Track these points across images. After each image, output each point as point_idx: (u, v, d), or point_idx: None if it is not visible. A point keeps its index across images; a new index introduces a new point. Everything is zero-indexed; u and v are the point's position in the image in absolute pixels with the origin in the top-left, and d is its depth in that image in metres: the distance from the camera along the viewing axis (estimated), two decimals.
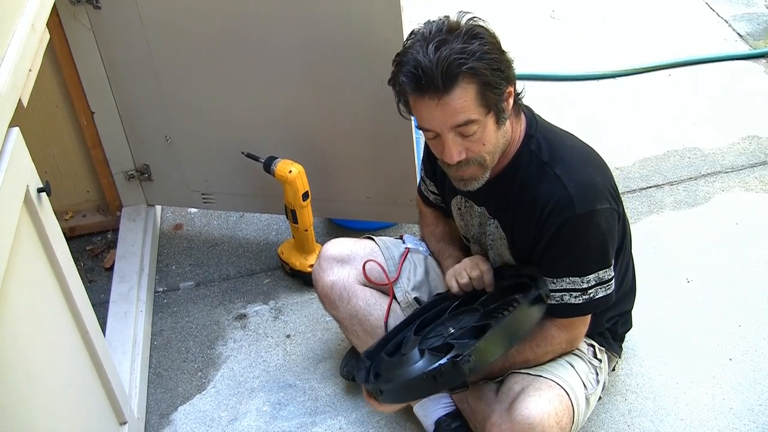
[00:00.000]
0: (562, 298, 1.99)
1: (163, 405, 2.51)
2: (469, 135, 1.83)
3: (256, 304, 2.82)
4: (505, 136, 1.93)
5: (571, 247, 1.95)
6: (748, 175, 3.22)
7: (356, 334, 2.34)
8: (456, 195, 2.19)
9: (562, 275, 1.97)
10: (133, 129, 2.85)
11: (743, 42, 4.05)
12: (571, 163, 1.96)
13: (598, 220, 1.93)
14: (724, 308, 2.66)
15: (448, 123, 1.82)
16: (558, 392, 2.00)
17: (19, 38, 1.70)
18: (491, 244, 2.13)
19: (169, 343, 2.70)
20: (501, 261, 2.14)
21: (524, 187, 1.97)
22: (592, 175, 1.97)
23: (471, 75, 1.77)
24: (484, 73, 1.78)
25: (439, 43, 1.78)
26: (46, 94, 2.73)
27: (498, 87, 1.82)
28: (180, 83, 2.66)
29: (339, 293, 2.31)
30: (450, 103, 1.79)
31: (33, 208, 1.64)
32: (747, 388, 2.42)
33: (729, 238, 2.93)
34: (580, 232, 1.93)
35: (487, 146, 1.87)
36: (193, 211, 3.23)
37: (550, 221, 1.93)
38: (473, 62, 1.76)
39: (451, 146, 1.85)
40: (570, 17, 4.29)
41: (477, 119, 1.81)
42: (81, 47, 2.64)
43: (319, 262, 2.35)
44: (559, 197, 1.91)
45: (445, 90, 1.77)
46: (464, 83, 1.78)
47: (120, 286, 2.76)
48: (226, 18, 2.46)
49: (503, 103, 1.86)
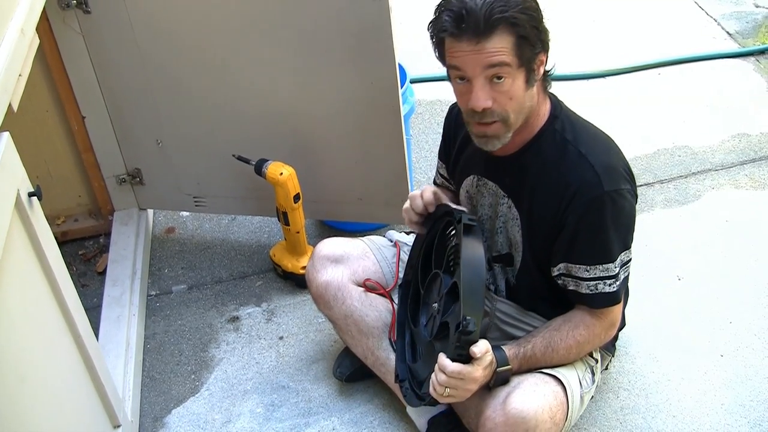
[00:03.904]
0: (596, 287, 2.00)
1: (157, 408, 2.51)
2: (499, 83, 1.84)
3: (248, 307, 2.82)
4: (531, 100, 1.93)
5: (600, 229, 1.95)
6: (738, 172, 3.24)
7: (351, 334, 2.34)
8: (468, 175, 2.18)
9: (594, 262, 1.97)
10: (125, 133, 2.85)
11: (732, 40, 4.07)
12: (595, 146, 1.99)
13: (624, 200, 1.95)
14: (715, 305, 2.67)
15: (481, 63, 1.83)
16: (554, 388, 2.00)
17: (8, 43, 1.71)
18: (501, 226, 2.13)
19: (162, 347, 2.71)
20: (508, 245, 2.13)
21: (546, 164, 1.99)
22: (614, 158, 2.00)
23: (511, 25, 1.80)
24: (524, 26, 1.81)
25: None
26: (37, 98, 2.73)
27: (534, 45, 1.85)
28: (170, 87, 2.66)
29: (333, 293, 2.31)
30: (487, 46, 1.81)
31: (24, 213, 1.64)
32: (738, 384, 2.43)
33: (719, 235, 2.94)
34: (608, 211, 1.93)
35: (513, 102, 1.88)
36: (185, 214, 3.23)
37: (577, 201, 1.93)
38: (516, 12, 1.79)
39: (479, 91, 1.86)
40: (559, 17, 4.30)
41: (510, 65, 1.82)
42: (71, 52, 2.64)
43: (313, 262, 2.36)
44: (586, 176, 1.93)
45: (485, 33, 1.79)
46: (503, 31, 1.80)
47: (112, 290, 2.76)
48: (216, 21, 2.47)
49: (534, 65, 1.88)
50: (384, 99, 2.48)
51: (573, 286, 2.03)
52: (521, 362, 2.02)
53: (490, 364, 1.95)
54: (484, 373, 1.93)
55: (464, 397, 1.94)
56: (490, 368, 1.96)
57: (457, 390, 1.91)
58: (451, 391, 1.91)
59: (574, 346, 2.05)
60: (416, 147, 3.45)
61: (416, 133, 3.52)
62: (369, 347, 2.34)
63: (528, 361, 2.03)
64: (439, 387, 1.92)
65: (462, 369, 1.88)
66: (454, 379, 1.89)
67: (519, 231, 2.08)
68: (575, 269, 2.00)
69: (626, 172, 1.99)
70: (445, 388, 1.91)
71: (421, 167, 3.35)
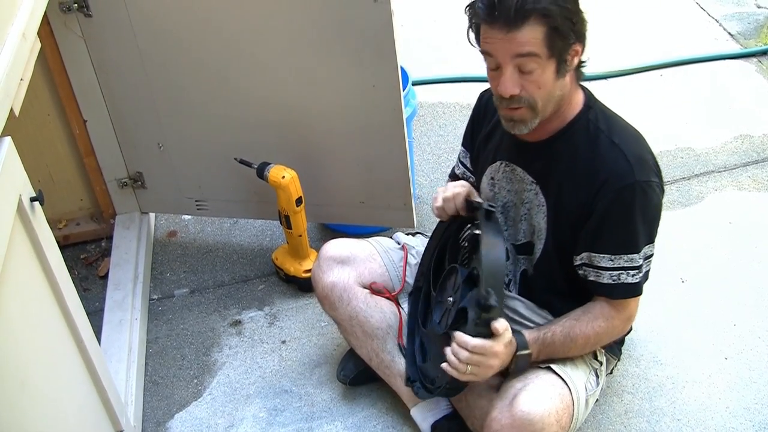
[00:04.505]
0: (619, 278, 2.00)
1: (160, 413, 2.50)
2: (528, 72, 1.86)
3: (251, 311, 2.82)
4: (562, 89, 1.94)
5: (628, 218, 1.95)
6: (741, 174, 3.23)
7: (355, 335, 2.34)
8: (495, 161, 2.18)
9: (619, 251, 1.98)
10: (126, 136, 2.84)
11: (734, 41, 4.07)
12: (627, 137, 2.00)
13: (654, 192, 1.95)
14: (718, 307, 2.66)
15: (511, 51, 1.84)
16: (560, 391, 2.00)
17: (10, 47, 1.70)
18: (525, 213, 2.12)
19: (165, 351, 2.70)
20: (531, 232, 2.13)
21: (578, 152, 2.00)
22: (645, 151, 2.00)
23: (543, 16, 1.80)
24: (556, 18, 1.81)
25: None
26: (39, 102, 2.73)
27: (566, 36, 1.85)
28: (172, 90, 2.66)
29: (339, 294, 2.30)
30: (517, 36, 1.81)
31: (26, 218, 1.63)
32: (743, 387, 2.42)
33: (723, 237, 2.94)
34: (637, 200, 1.94)
35: (542, 91, 1.89)
36: (187, 218, 3.23)
37: (607, 188, 1.94)
38: (548, 4, 1.79)
39: (508, 78, 1.88)
40: None
41: (539, 55, 1.83)
42: (72, 55, 2.64)
43: (319, 263, 2.35)
44: (618, 165, 1.94)
45: (515, 23, 1.80)
46: (534, 22, 1.80)
47: (114, 294, 2.75)
48: (218, 24, 2.46)
49: (567, 56, 1.88)
50: (386, 102, 2.47)
51: (594, 276, 2.03)
52: (540, 348, 2.02)
53: (510, 342, 1.94)
54: (505, 350, 1.93)
55: (485, 375, 1.94)
56: (510, 347, 1.95)
57: (479, 367, 1.91)
58: (472, 368, 1.91)
59: (592, 336, 2.05)
60: (418, 150, 3.44)
61: (418, 136, 3.52)
62: (374, 349, 2.33)
63: (547, 348, 2.03)
64: (460, 365, 1.90)
65: (484, 343, 1.89)
66: (476, 355, 1.89)
67: (544, 218, 2.07)
68: (598, 258, 2.00)
69: (656, 167, 2.00)
70: (467, 366, 1.90)
71: (423, 170, 3.35)
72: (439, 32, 4.17)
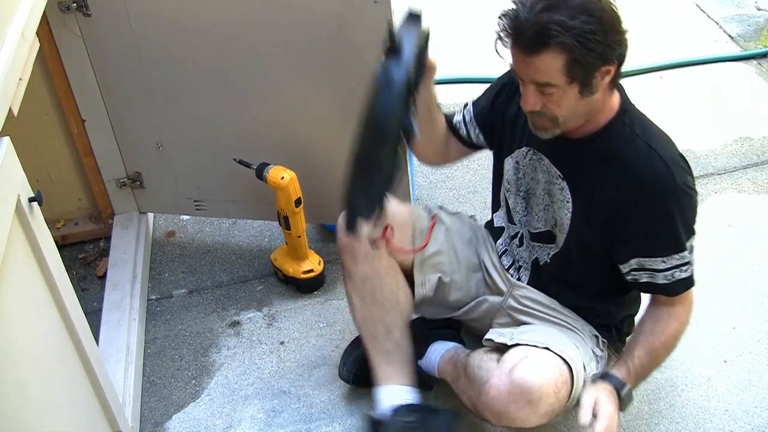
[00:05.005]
0: (673, 276, 2.01)
1: (157, 413, 2.50)
2: (548, 93, 1.85)
3: (249, 311, 2.81)
4: (588, 106, 1.91)
5: (675, 220, 1.96)
6: (741, 176, 3.23)
7: (362, 296, 2.29)
8: (522, 146, 2.17)
9: (671, 252, 1.99)
10: (125, 136, 2.84)
11: (734, 44, 4.07)
12: (663, 142, 1.98)
13: (693, 192, 1.98)
14: (718, 310, 2.66)
15: (528, 75, 1.85)
16: (560, 365, 2.00)
17: (8, 47, 1.69)
18: (547, 205, 2.12)
19: (163, 351, 2.69)
20: (552, 224, 2.13)
21: (615, 155, 1.97)
22: (678, 155, 2.00)
23: (561, 49, 1.76)
24: (576, 51, 1.76)
25: (546, 6, 1.76)
26: (37, 102, 2.72)
27: (588, 65, 1.80)
28: (171, 90, 2.65)
29: (366, 250, 2.25)
30: (533, 63, 1.81)
31: (24, 219, 1.63)
32: (742, 390, 2.42)
33: (723, 239, 2.93)
34: (680, 203, 1.95)
35: (563, 109, 1.88)
36: (186, 218, 3.22)
37: (649, 193, 1.94)
38: (567, 38, 1.75)
39: (528, 95, 1.88)
40: None
41: (557, 85, 1.82)
42: (71, 55, 2.63)
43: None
44: (657, 169, 1.92)
45: (532, 51, 1.79)
46: (552, 53, 1.77)
47: (113, 294, 2.75)
48: (217, 24, 2.46)
49: (593, 79, 1.84)
50: None
51: (647, 278, 2.04)
52: (634, 377, 2.07)
53: (611, 393, 2.02)
54: (614, 402, 2.01)
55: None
56: (613, 395, 2.02)
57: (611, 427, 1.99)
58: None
59: (671, 340, 2.09)
60: None
61: None
62: (374, 315, 2.29)
63: (639, 374, 2.09)
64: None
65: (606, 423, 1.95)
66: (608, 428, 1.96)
67: (568, 214, 2.07)
68: (651, 262, 2.01)
69: (688, 167, 2.01)
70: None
71: (422, 170, 3.34)
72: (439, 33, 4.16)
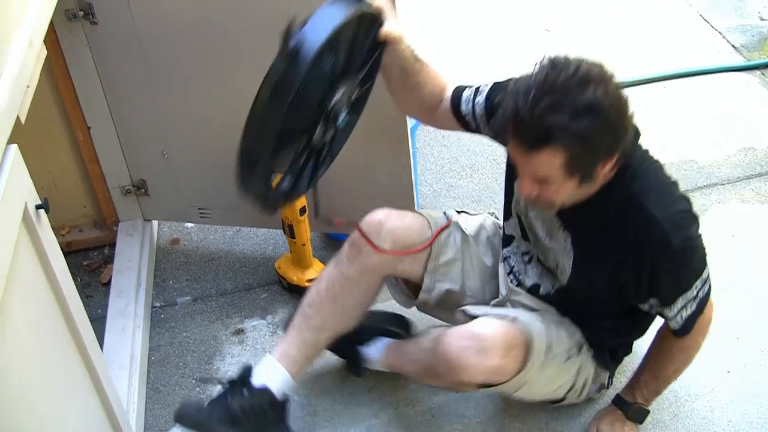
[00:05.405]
0: (681, 316, 2.03)
1: (161, 420, 2.50)
2: (545, 184, 1.82)
3: (253, 319, 2.81)
4: (590, 189, 1.88)
5: (679, 275, 1.97)
6: (744, 187, 3.23)
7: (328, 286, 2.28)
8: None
9: (674, 300, 2.00)
10: (130, 144, 2.84)
11: (738, 54, 4.07)
12: (661, 198, 1.91)
13: (695, 244, 1.95)
14: (721, 321, 2.63)
15: (526, 168, 1.82)
16: (518, 331, 2.05)
17: (16, 55, 1.70)
18: (552, 246, 2.11)
19: (167, 359, 2.70)
20: (553, 266, 2.13)
21: (611, 220, 1.93)
22: (678, 203, 1.95)
23: (563, 147, 1.70)
24: (578, 151, 1.71)
25: (549, 105, 1.68)
26: (43, 109, 2.73)
27: (590, 161, 1.76)
28: (177, 98, 2.66)
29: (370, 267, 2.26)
30: (532, 158, 1.76)
31: (31, 226, 1.63)
32: (746, 401, 2.42)
33: (726, 250, 2.93)
34: (683, 260, 1.94)
35: (560, 197, 1.87)
36: (190, 225, 3.23)
37: (650, 257, 1.92)
38: (570, 139, 1.68)
39: (524, 184, 1.86)
40: (564, 31, 4.31)
41: (556, 179, 1.79)
42: (77, 62, 2.64)
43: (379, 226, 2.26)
44: (655, 233, 1.87)
45: (531, 148, 1.73)
46: (552, 150, 1.71)
47: (117, 301, 2.75)
48: (224, 33, 2.46)
49: (594, 171, 1.80)
50: (390, 112, 2.47)
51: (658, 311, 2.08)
52: (644, 398, 2.28)
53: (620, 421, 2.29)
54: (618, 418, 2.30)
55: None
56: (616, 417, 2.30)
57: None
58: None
59: (680, 366, 2.23)
60: (422, 160, 3.44)
61: (422, 146, 3.52)
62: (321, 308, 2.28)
63: (647, 397, 2.28)
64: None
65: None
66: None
67: (569, 263, 2.07)
68: (658, 308, 2.05)
69: (688, 209, 1.96)
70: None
71: (426, 180, 3.35)
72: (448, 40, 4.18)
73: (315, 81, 1.82)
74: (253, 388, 2.21)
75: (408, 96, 2.21)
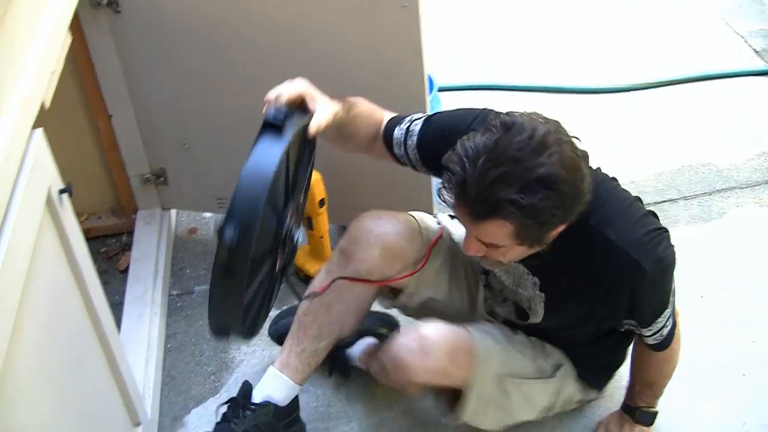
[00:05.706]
0: (661, 334, 2.03)
1: (177, 407, 2.51)
2: (492, 247, 1.79)
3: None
4: (542, 247, 1.82)
5: (654, 296, 1.94)
6: (763, 191, 3.22)
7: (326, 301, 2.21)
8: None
9: (653, 320, 1.99)
10: (150, 133, 2.85)
11: (759, 58, 4.05)
12: (622, 225, 1.83)
13: (668, 259, 1.89)
14: (737, 324, 2.66)
15: (473, 233, 1.77)
16: (466, 340, 2.06)
17: (42, 39, 1.72)
18: (521, 291, 2.11)
19: (183, 346, 2.71)
20: (525, 305, 2.14)
21: (576, 256, 1.87)
22: (639, 218, 1.88)
23: (512, 220, 1.63)
24: (528, 224, 1.64)
25: (499, 177, 1.59)
26: (65, 97, 2.72)
27: (540, 232, 1.71)
28: (199, 89, 2.67)
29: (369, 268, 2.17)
30: (480, 226, 1.70)
31: (54, 210, 1.65)
32: (761, 404, 2.41)
33: (743, 253, 2.93)
34: (652, 282, 1.89)
35: (508, 259, 1.86)
36: (208, 215, 3.24)
37: (622, 289, 1.89)
38: (520, 213, 1.60)
39: (470, 244, 1.81)
40: (584, 32, 4.29)
41: (504, 246, 1.76)
42: (100, 51, 2.65)
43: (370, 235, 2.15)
44: (622, 263, 1.82)
45: (478, 217, 1.67)
46: (501, 222, 1.65)
47: (134, 289, 2.77)
48: (249, 23, 2.47)
49: (546, 237, 1.75)
50: (411, 108, 2.47)
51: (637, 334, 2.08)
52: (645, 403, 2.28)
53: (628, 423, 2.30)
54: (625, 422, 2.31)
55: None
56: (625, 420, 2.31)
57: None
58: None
59: (669, 371, 2.22)
60: None
61: None
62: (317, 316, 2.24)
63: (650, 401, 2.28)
64: None
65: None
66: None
67: (541, 305, 2.07)
68: (636, 329, 2.04)
69: (653, 227, 1.87)
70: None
71: None
72: (464, 39, 4.18)
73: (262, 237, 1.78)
74: (254, 406, 2.21)
75: (346, 144, 2.16)
